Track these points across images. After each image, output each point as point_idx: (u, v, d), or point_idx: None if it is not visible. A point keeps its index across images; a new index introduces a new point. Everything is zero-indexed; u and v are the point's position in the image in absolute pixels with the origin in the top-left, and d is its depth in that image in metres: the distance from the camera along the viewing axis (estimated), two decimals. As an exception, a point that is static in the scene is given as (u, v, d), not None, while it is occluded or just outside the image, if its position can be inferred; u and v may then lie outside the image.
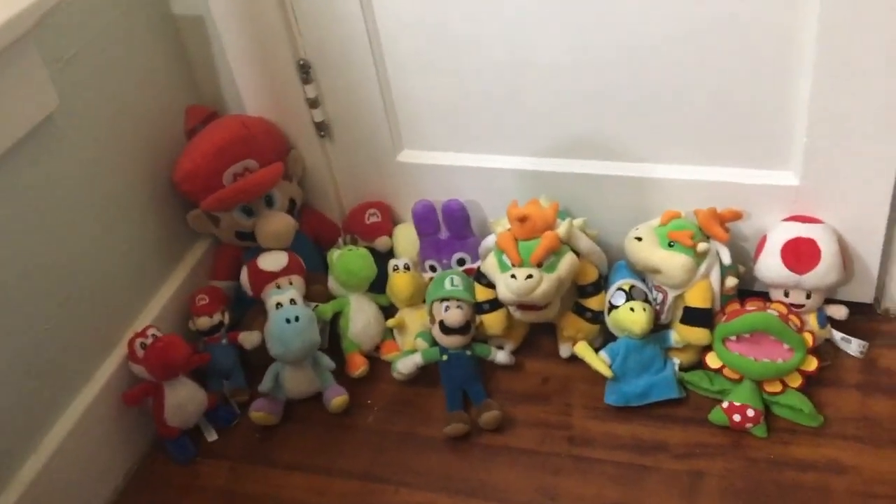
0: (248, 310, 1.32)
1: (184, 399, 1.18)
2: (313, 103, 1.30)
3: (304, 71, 1.26)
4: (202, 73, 1.32)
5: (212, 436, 1.23)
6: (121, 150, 1.20)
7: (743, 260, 1.22)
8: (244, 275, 1.29)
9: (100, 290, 1.17)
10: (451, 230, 1.31)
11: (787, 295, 1.16)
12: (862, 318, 1.22)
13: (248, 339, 1.27)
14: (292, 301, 1.22)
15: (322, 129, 1.33)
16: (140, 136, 1.23)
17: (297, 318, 1.19)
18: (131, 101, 1.21)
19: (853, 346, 1.18)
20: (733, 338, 1.12)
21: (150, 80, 1.25)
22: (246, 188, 1.25)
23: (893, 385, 1.14)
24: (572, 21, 1.11)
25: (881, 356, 1.18)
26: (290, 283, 1.27)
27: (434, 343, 1.23)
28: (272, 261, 1.28)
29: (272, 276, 1.27)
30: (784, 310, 1.14)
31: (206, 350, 1.27)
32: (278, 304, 1.22)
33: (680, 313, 1.16)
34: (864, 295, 1.22)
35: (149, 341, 1.17)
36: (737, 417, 1.10)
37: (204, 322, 1.27)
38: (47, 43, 1.04)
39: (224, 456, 1.21)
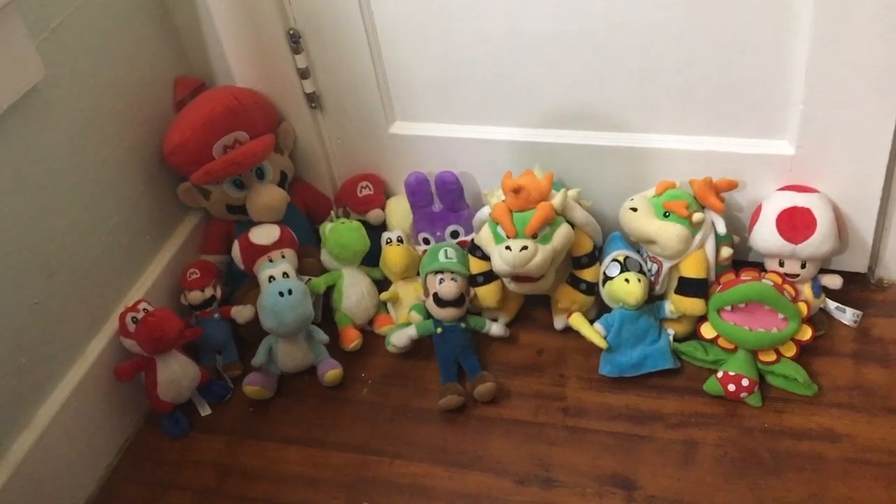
0: (240, 284, 1.31)
1: (176, 373, 1.18)
2: (304, 74, 1.28)
3: (295, 41, 1.24)
4: (190, 43, 1.30)
5: (205, 410, 1.23)
6: (108, 121, 1.18)
7: (738, 230, 1.22)
8: (236, 248, 1.27)
9: (89, 265, 1.16)
10: (444, 202, 1.30)
11: (781, 264, 1.16)
12: (856, 287, 1.22)
13: (241, 313, 1.26)
14: (285, 274, 1.21)
15: (313, 100, 1.32)
16: (128, 107, 1.21)
17: (290, 292, 1.18)
18: (118, 72, 1.19)
19: (847, 316, 1.18)
20: (728, 308, 1.11)
21: (138, 51, 1.23)
22: (236, 160, 1.23)
23: (886, 354, 1.14)
24: (566, -11, 1.10)
25: (875, 325, 1.18)
26: (283, 257, 1.26)
27: (428, 316, 1.23)
28: (264, 234, 1.27)
29: (264, 249, 1.26)
30: (779, 279, 1.14)
31: (199, 324, 1.26)
32: (271, 278, 1.21)
33: (675, 284, 1.16)
34: (859, 265, 1.22)
35: (140, 315, 1.16)
36: (731, 387, 1.10)
37: (195, 296, 1.26)
38: (32, 12, 1.02)
39: (218, 430, 1.21)
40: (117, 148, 1.20)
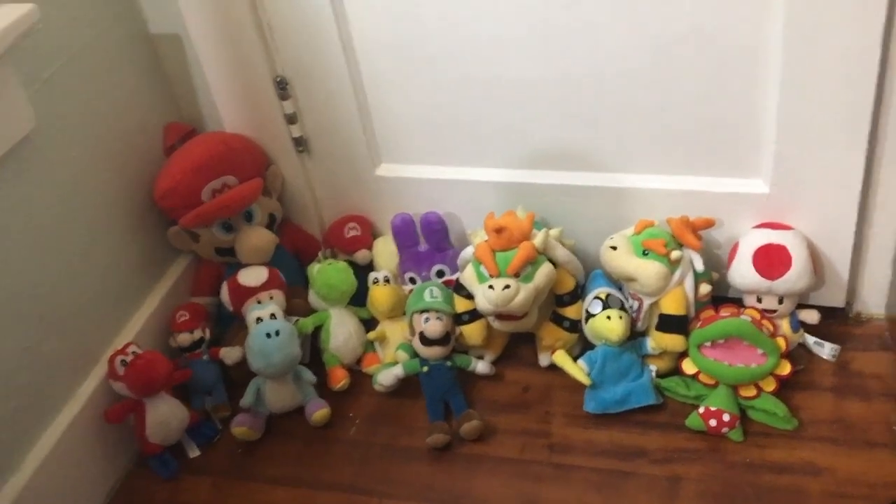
0: (229, 326, 1.33)
1: (165, 416, 1.19)
2: (291, 119, 1.31)
3: (282, 87, 1.28)
4: (180, 90, 1.33)
5: (194, 452, 1.24)
6: (100, 168, 1.20)
7: (716, 267, 1.24)
8: (224, 290, 1.29)
9: (80, 308, 1.17)
10: (430, 242, 1.32)
11: (759, 300, 1.18)
12: (834, 322, 1.25)
13: (230, 354, 1.27)
14: (273, 316, 1.23)
15: (300, 144, 1.34)
16: (119, 154, 1.24)
17: (277, 333, 1.19)
18: (109, 120, 1.22)
19: (826, 350, 1.20)
20: (708, 344, 1.13)
21: (128, 99, 1.26)
22: (225, 204, 1.25)
23: (866, 387, 1.16)
24: (545, 35, 1.13)
25: (853, 359, 1.20)
26: (271, 298, 1.28)
27: (415, 355, 1.24)
28: (252, 276, 1.29)
29: (252, 291, 1.27)
30: (757, 315, 1.16)
31: (188, 366, 1.27)
32: (259, 319, 1.22)
33: (655, 320, 1.18)
34: (836, 299, 1.25)
35: (129, 358, 1.17)
36: (713, 422, 1.12)
37: (185, 338, 1.28)
38: (25, 63, 1.05)
39: (207, 472, 1.22)
40: (108, 193, 1.23)
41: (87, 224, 1.19)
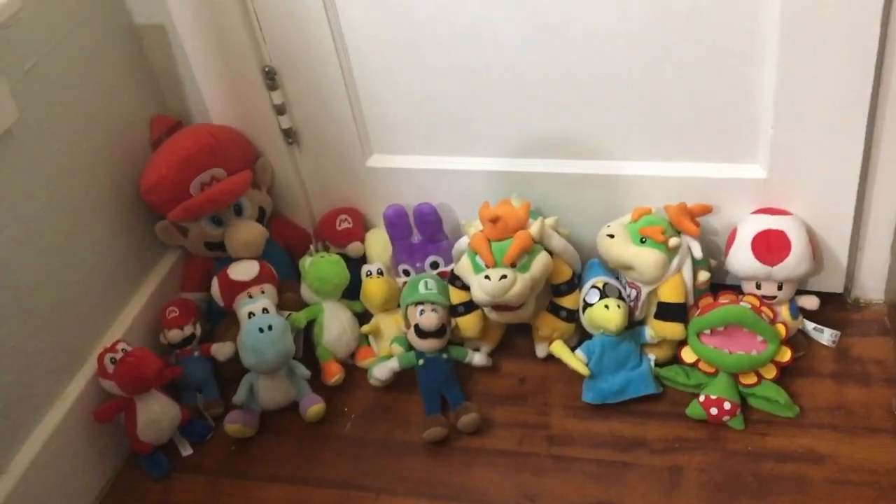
0: (220, 321, 1.30)
1: (157, 414, 1.16)
2: (280, 110, 1.29)
3: (270, 77, 1.25)
4: (166, 82, 1.31)
5: (186, 450, 1.21)
6: (84, 162, 1.18)
7: (714, 254, 1.23)
8: (215, 285, 1.27)
9: (67, 305, 1.15)
10: (423, 234, 1.30)
11: (758, 287, 1.17)
12: (833, 307, 1.24)
13: (221, 350, 1.25)
14: (265, 310, 1.21)
15: (290, 135, 1.32)
16: (104, 147, 1.22)
17: (270, 328, 1.17)
18: (94, 113, 1.19)
19: (825, 336, 1.19)
20: (707, 331, 1.12)
21: (113, 91, 1.23)
22: (214, 197, 1.23)
23: (866, 373, 1.15)
24: (536, 21, 1.11)
25: (853, 345, 1.19)
26: (263, 293, 1.26)
27: (410, 348, 1.22)
28: (243, 270, 1.27)
29: (244, 285, 1.25)
30: (756, 302, 1.15)
31: (178, 363, 1.25)
32: (251, 314, 1.20)
33: (654, 309, 1.17)
34: (835, 285, 1.24)
35: (119, 356, 1.15)
36: (714, 411, 1.11)
37: (175, 335, 1.25)
38: (6, 54, 1.03)
39: (200, 470, 1.19)
40: (94, 188, 1.20)
41: (73, 219, 1.16)
